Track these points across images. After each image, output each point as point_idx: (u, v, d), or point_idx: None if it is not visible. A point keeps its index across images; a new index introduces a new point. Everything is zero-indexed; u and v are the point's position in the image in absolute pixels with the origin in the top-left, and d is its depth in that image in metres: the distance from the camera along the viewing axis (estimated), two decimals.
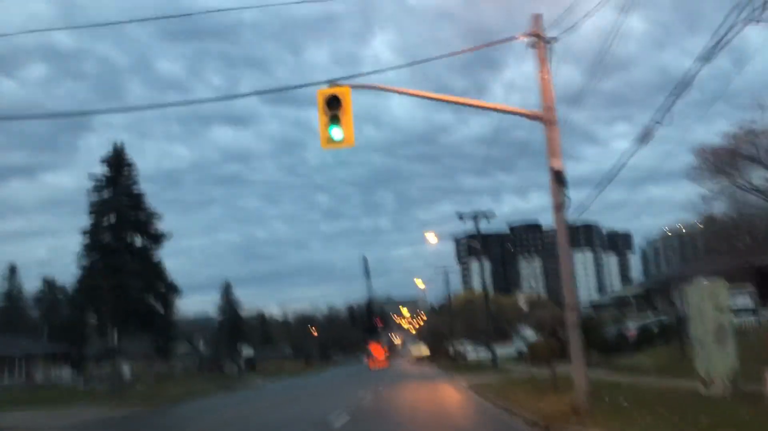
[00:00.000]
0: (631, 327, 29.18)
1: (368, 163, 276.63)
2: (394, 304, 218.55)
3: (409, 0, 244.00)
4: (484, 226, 40.93)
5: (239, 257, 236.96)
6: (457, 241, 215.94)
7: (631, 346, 27.49)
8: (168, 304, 39.18)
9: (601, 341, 28.03)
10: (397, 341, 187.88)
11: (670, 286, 37.89)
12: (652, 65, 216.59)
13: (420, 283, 73.97)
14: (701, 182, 24.58)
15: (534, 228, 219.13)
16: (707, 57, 8.91)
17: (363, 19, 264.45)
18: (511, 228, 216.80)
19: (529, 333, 70.26)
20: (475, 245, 34.69)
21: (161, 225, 39.35)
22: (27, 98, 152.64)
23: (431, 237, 39.31)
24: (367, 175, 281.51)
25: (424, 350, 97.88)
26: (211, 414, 22.05)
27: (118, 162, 38.14)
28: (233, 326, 68.76)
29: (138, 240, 38.59)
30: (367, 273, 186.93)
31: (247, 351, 45.55)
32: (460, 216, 39.98)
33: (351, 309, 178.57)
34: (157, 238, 38.52)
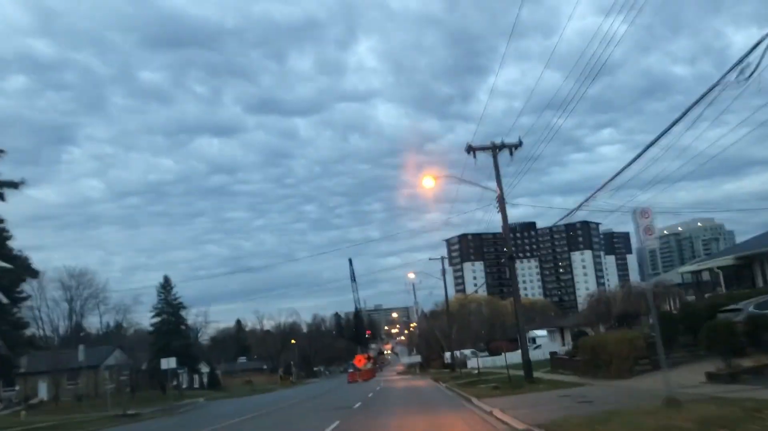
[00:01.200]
0: None
1: (356, 172, 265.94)
2: (385, 312, 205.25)
3: (392, 5, 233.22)
4: (479, 228, 26.51)
5: (226, 269, 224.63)
6: (449, 244, 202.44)
7: None
8: (10, 290, 24.31)
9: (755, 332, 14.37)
10: (387, 350, 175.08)
11: None
12: (636, 69, 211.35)
13: (411, 275, 63.05)
14: None
15: (529, 227, 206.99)
16: None
17: (346, 25, 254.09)
18: None
19: (540, 334, 58.05)
20: (496, 192, 19.51)
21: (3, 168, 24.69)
22: (8, 109, 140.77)
23: (428, 182, 25.37)
24: (354, 184, 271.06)
25: (415, 359, 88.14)
26: None
27: None
28: (172, 332, 53.91)
29: None
30: (352, 276, 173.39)
31: (168, 362, 31.81)
32: (470, 150, 25.72)
33: (337, 317, 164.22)
34: None
